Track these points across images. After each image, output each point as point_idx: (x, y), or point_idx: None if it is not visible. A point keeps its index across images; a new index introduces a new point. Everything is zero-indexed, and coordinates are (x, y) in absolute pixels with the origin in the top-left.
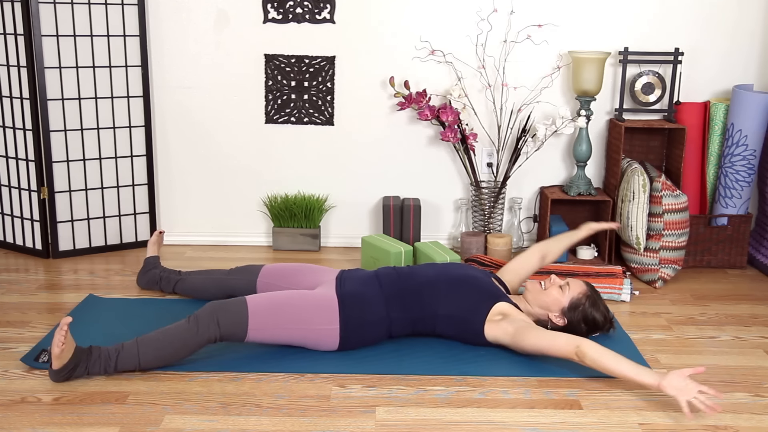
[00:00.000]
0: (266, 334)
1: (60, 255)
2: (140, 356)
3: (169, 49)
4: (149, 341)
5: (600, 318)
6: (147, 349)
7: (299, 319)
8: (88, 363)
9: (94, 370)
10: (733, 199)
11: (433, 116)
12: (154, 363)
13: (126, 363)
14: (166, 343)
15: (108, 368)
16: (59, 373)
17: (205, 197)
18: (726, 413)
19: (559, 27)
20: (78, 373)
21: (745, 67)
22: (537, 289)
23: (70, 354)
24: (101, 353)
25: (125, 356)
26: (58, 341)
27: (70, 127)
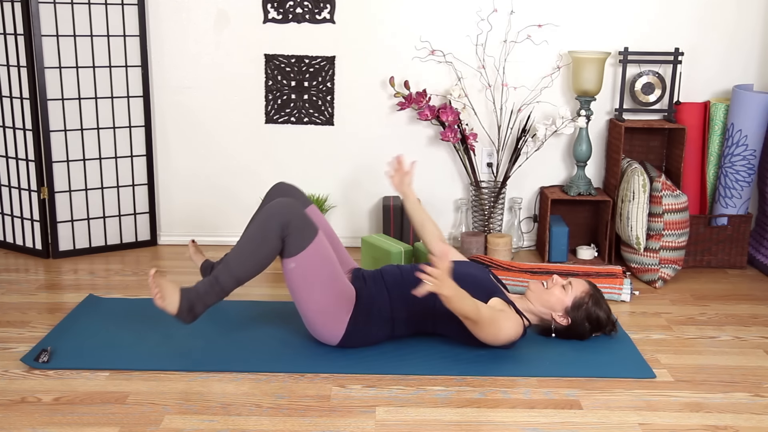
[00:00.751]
0: (301, 277)
1: (60, 255)
2: (238, 274)
3: (169, 49)
4: (232, 259)
5: (603, 316)
6: (234, 266)
7: (332, 290)
8: (201, 297)
9: (210, 300)
10: (733, 199)
11: (433, 116)
12: (245, 275)
13: (227, 285)
14: (246, 256)
15: (221, 294)
16: (180, 317)
17: (205, 197)
18: (726, 413)
19: (559, 27)
20: (198, 311)
21: (745, 67)
22: (540, 288)
23: (176, 298)
24: (205, 284)
25: (223, 279)
26: (153, 294)
27: (70, 127)
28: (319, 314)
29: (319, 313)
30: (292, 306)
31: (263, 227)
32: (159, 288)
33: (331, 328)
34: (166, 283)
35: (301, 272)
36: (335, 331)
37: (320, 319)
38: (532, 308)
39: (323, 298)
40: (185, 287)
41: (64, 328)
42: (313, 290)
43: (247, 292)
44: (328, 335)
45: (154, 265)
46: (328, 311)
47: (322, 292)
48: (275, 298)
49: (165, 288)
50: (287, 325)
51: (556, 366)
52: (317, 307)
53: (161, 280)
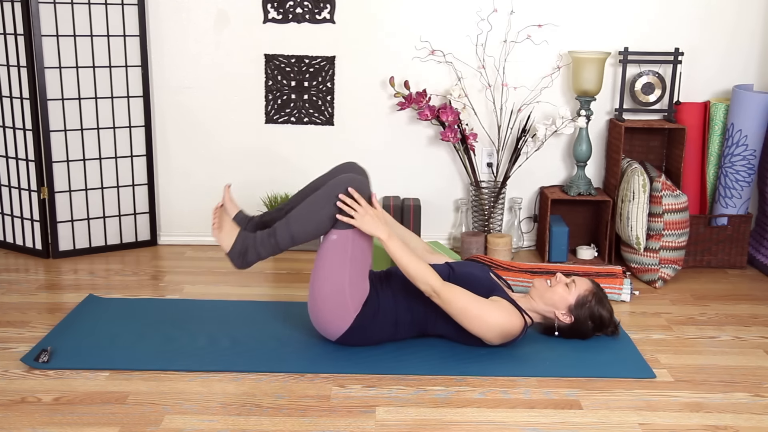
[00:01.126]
0: (335, 251)
1: (60, 255)
2: (295, 230)
3: (169, 49)
4: (293, 216)
5: (606, 315)
6: (293, 224)
7: (353, 279)
8: (256, 246)
9: (264, 251)
10: (733, 199)
11: (433, 116)
12: (301, 235)
13: (284, 240)
14: (307, 216)
15: (275, 248)
16: (231, 257)
17: (205, 197)
18: (726, 413)
19: (559, 27)
20: (251, 258)
21: (745, 66)
22: (544, 286)
23: (233, 236)
24: (263, 235)
25: (281, 234)
26: (212, 222)
27: (70, 127)
28: (331, 297)
29: (332, 297)
30: (292, 306)
31: (330, 192)
32: (219, 219)
33: (336, 318)
34: (228, 219)
35: (337, 246)
36: (340, 323)
37: (330, 304)
38: (536, 306)
39: (342, 281)
40: (244, 231)
41: (64, 328)
42: (337, 270)
43: (247, 292)
44: (331, 326)
45: (154, 266)
46: (341, 299)
47: (345, 275)
48: (275, 298)
49: (225, 222)
50: (287, 325)
51: (556, 366)
52: (333, 288)
53: (224, 214)
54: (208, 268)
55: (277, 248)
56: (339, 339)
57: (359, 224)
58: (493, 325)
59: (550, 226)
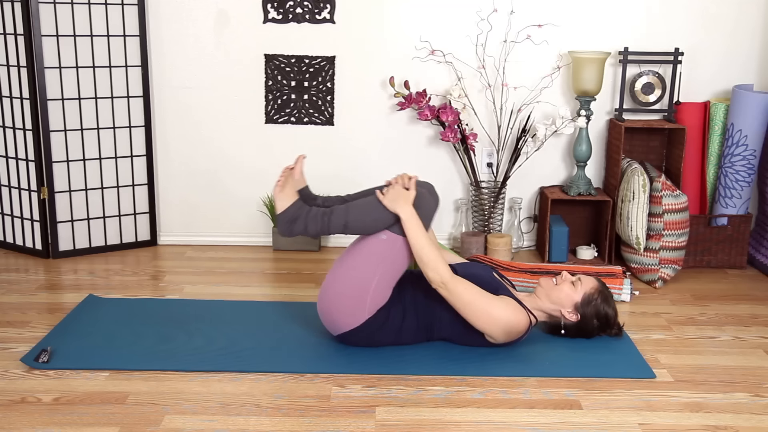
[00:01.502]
0: (377, 249)
1: (60, 255)
2: (349, 219)
3: (169, 49)
4: (354, 206)
5: (612, 314)
6: (351, 213)
7: (380, 281)
8: (307, 218)
9: (312, 227)
10: (733, 199)
11: (433, 116)
12: (355, 226)
13: (336, 225)
14: (366, 210)
15: (324, 228)
16: (281, 219)
17: (205, 197)
18: (726, 413)
19: (559, 27)
20: (297, 228)
21: (745, 67)
22: (550, 285)
23: (290, 201)
24: (318, 212)
25: (336, 219)
26: (278, 181)
27: (70, 127)
28: (352, 293)
29: (353, 293)
30: (292, 306)
31: (369, 208)
32: (284, 180)
33: (348, 315)
34: (292, 183)
35: (382, 246)
36: (349, 320)
37: (348, 299)
38: (541, 305)
39: (370, 281)
40: (301, 202)
41: (64, 328)
42: (371, 268)
43: (247, 292)
44: (340, 320)
45: (154, 266)
46: (361, 297)
47: (375, 276)
48: (275, 299)
49: (288, 185)
50: (287, 325)
51: (555, 366)
52: (358, 284)
53: (291, 177)
54: (208, 268)
55: (326, 229)
56: (341, 335)
57: (387, 200)
58: (499, 321)
59: (550, 226)
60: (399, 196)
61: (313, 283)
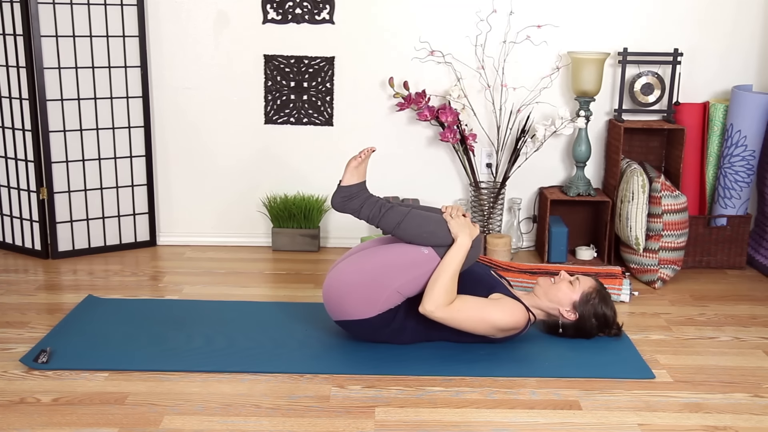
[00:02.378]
0: (416, 260)
1: (59, 255)
2: (405, 220)
3: (169, 49)
4: (413, 214)
5: (610, 314)
6: (407, 218)
7: (404, 287)
8: (365, 201)
9: (366, 211)
10: (732, 200)
11: (432, 117)
12: (402, 232)
13: (391, 220)
14: (418, 222)
15: (376, 218)
16: (342, 192)
17: (204, 198)
18: (725, 413)
19: (558, 27)
20: (351, 206)
21: (744, 67)
22: (548, 283)
23: (357, 179)
24: (378, 200)
25: (392, 215)
26: (359, 155)
27: (70, 127)
28: (370, 288)
29: (371, 289)
30: (291, 307)
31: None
32: (364, 159)
33: (357, 306)
34: (365, 167)
35: (419, 258)
36: (358, 310)
37: (363, 293)
38: (540, 303)
39: (392, 284)
40: (365, 187)
41: (64, 328)
42: (399, 273)
43: (246, 292)
44: (347, 308)
45: (153, 266)
46: (377, 296)
47: (398, 282)
48: (275, 299)
49: (363, 166)
50: (287, 325)
51: (555, 366)
52: (380, 283)
53: (367, 160)
54: (207, 269)
55: (378, 220)
56: (343, 322)
57: (455, 223)
58: (497, 324)
59: (550, 227)
60: (467, 226)
61: (312, 284)
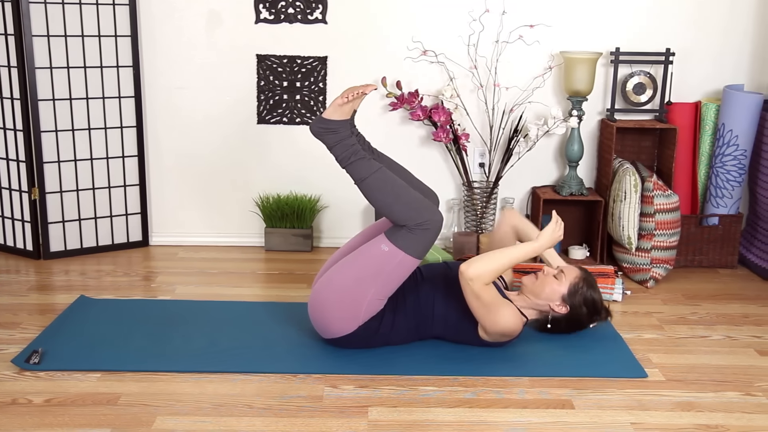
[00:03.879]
0: (378, 260)
1: (51, 256)
2: (371, 176)
3: (161, 49)
4: (386, 176)
5: (599, 297)
6: (381, 176)
7: (376, 294)
8: (342, 141)
9: (338, 150)
10: (724, 199)
11: (425, 116)
12: (374, 198)
13: (358, 171)
14: (394, 188)
15: (345, 160)
16: (323, 123)
17: (197, 198)
18: (717, 412)
19: (550, 27)
20: (328, 140)
21: (736, 67)
22: (533, 282)
23: (340, 116)
24: (353, 145)
25: (361, 166)
26: (347, 95)
27: (61, 127)
28: (345, 305)
29: (346, 305)
30: (284, 307)
31: (413, 202)
32: (353, 98)
33: (339, 324)
34: (354, 105)
35: (381, 260)
36: (340, 328)
37: (340, 311)
38: (530, 303)
39: (365, 295)
40: (350, 124)
41: (56, 329)
42: (367, 282)
43: (238, 293)
44: (332, 328)
45: (146, 267)
46: (354, 309)
47: (371, 290)
48: (267, 299)
49: (352, 104)
50: (279, 325)
51: (548, 366)
52: (352, 297)
53: (356, 102)
54: (200, 269)
55: (344, 165)
56: (333, 341)
57: (552, 235)
58: (501, 326)
59: (542, 226)
60: (553, 235)
61: (305, 284)
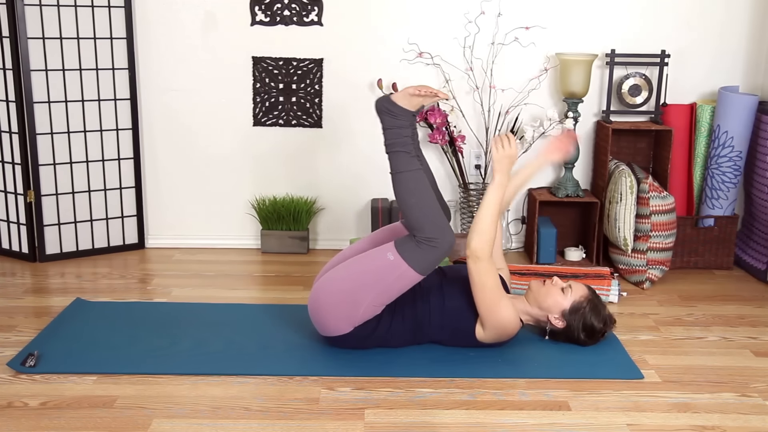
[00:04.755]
0: (381, 269)
1: (47, 258)
2: (407, 173)
3: (157, 51)
4: (418, 179)
5: (598, 325)
6: (415, 177)
7: (374, 300)
8: (394, 126)
9: (390, 135)
10: (720, 201)
11: (421, 118)
12: (398, 189)
13: (398, 162)
14: (422, 194)
15: (391, 147)
16: (387, 101)
17: (193, 200)
18: (713, 413)
19: (546, 29)
20: (386, 121)
21: (731, 69)
22: (539, 288)
23: (410, 106)
24: (403, 137)
25: (403, 159)
26: (421, 89)
27: (57, 130)
28: (343, 306)
29: (344, 306)
30: (280, 309)
31: (433, 215)
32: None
33: (336, 323)
34: (423, 101)
35: (385, 268)
36: (338, 327)
37: (338, 311)
38: (529, 309)
39: (364, 300)
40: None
41: (51, 332)
42: (368, 288)
43: (235, 295)
44: (328, 326)
45: (142, 269)
46: (352, 312)
47: (370, 295)
48: (264, 301)
49: (422, 100)
50: (276, 327)
51: (544, 367)
52: (351, 300)
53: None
54: (196, 271)
55: (387, 150)
56: (330, 339)
57: (496, 156)
58: (498, 316)
59: (539, 228)
60: (506, 158)
61: (302, 286)
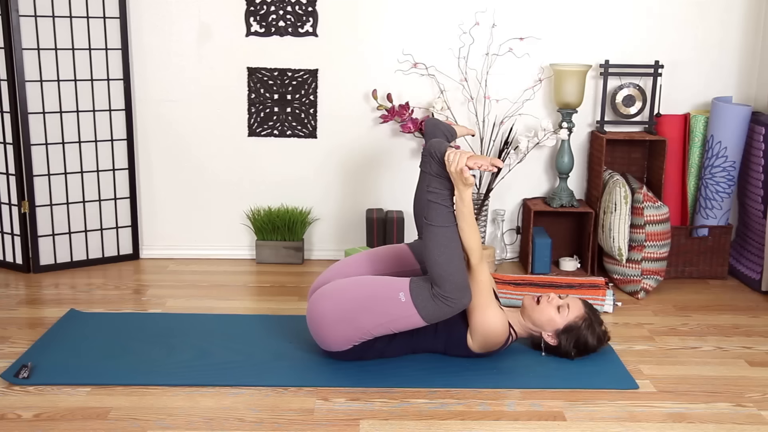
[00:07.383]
0: (390, 308)
1: (41, 269)
2: (445, 228)
3: (152, 62)
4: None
5: (592, 342)
6: (450, 234)
7: (379, 332)
8: (444, 175)
9: (437, 185)
10: (714, 210)
11: (416, 129)
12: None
13: (438, 215)
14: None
15: (435, 197)
16: (441, 151)
17: (187, 211)
18: (708, 423)
19: (540, 40)
20: (434, 168)
21: (725, 79)
22: (532, 305)
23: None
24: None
25: (444, 214)
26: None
27: (52, 140)
28: (344, 328)
29: (345, 328)
30: (275, 320)
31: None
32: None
33: (334, 340)
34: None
35: (395, 308)
36: (336, 343)
37: (337, 331)
38: (524, 324)
39: (366, 327)
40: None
41: (45, 343)
42: (372, 318)
43: (229, 305)
44: (327, 340)
45: (136, 280)
46: (351, 334)
47: (372, 325)
48: (259, 312)
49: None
50: (270, 338)
51: (539, 378)
52: (353, 326)
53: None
54: (190, 282)
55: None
56: (327, 352)
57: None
58: (487, 322)
59: (533, 238)
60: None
61: (296, 296)
